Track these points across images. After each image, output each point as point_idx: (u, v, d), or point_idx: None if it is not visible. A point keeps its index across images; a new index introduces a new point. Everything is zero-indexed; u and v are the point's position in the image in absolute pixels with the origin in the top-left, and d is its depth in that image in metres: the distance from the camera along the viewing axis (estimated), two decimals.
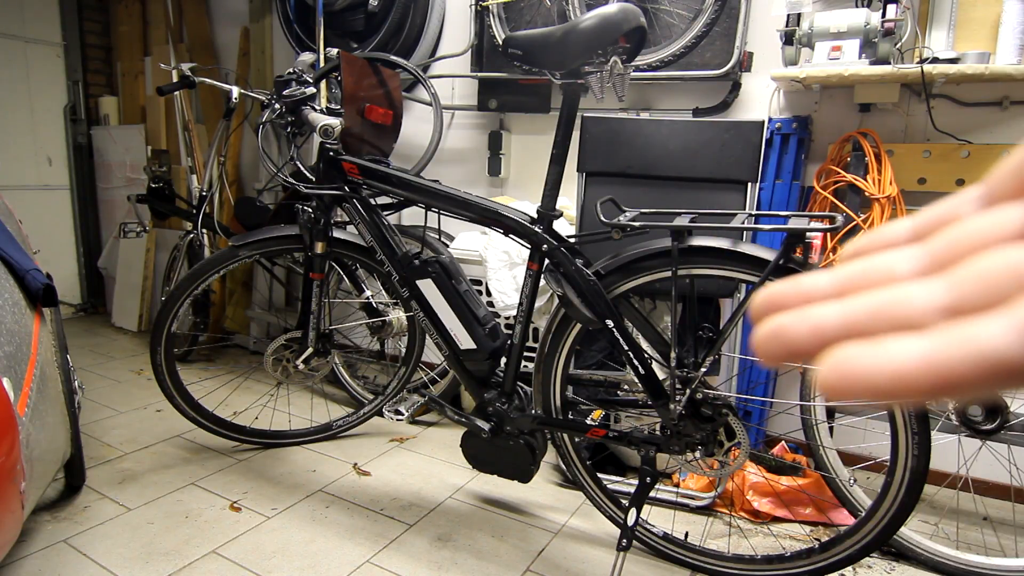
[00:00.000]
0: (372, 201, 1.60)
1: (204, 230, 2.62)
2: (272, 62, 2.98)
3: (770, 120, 1.89)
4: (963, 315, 0.17)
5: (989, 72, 1.54)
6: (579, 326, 1.41)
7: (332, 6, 2.37)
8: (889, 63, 1.63)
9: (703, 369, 1.27)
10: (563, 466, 1.63)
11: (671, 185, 1.73)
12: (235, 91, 2.46)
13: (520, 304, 1.44)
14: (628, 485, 1.75)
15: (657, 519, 1.62)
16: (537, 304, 1.80)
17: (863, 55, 1.65)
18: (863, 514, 1.27)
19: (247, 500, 1.70)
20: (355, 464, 1.93)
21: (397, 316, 2.03)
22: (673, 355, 1.28)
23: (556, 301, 1.39)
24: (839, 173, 1.75)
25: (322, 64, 2.03)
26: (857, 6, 1.72)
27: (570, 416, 1.54)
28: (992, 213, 0.19)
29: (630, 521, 1.35)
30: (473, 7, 2.30)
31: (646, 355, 1.33)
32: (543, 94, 2.26)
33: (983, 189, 0.20)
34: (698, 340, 1.29)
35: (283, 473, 1.86)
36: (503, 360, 1.53)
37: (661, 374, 1.34)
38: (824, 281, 0.21)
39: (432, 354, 2.14)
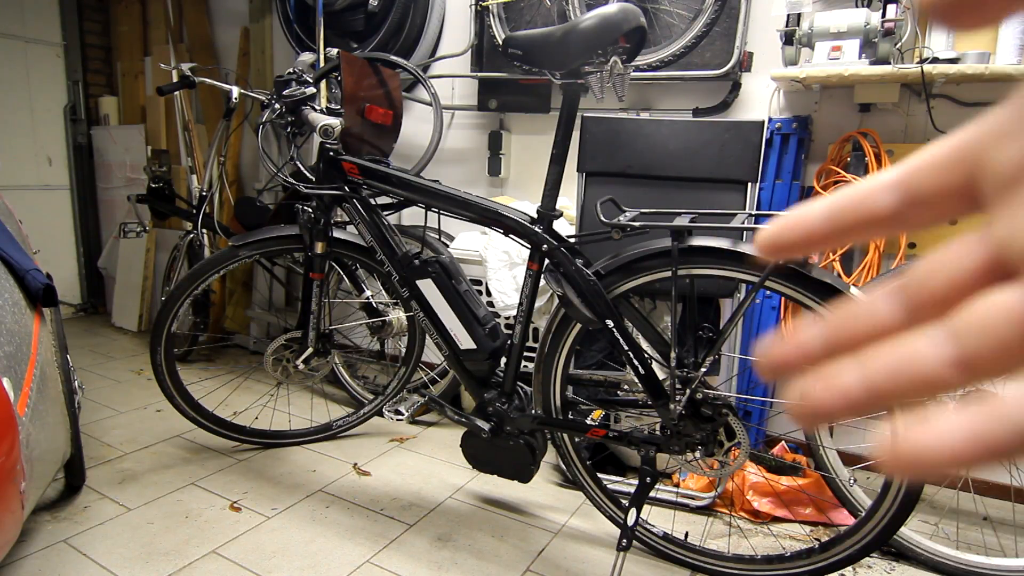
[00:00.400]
0: (372, 201, 1.60)
1: (204, 230, 2.62)
2: (272, 62, 2.98)
3: (770, 120, 1.89)
4: (975, 369, 0.18)
5: (989, 72, 1.54)
6: (579, 326, 1.41)
7: (332, 6, 2.37)
8: (889, 63, 1.63)
9: (703, 369, 1.27)
10: (563, 466, 1.63)
11: (671, 185, 1.73)
12: (235, 91, 2.46)
13: (520, 304, 1.44)
14: (628, 485, 1.75)
15: (657, 519, 1.62)
16: (537, 304, 1.80)
17: (863, 55, 1.65)
18: (863, 514, 1.27)
19: (247, 500, 1.70)
20: (355, 464, 1.93)
21: (397, 316, 2.03)
22: (673, 355, 1.28)
23: (556, 301, 1.39)
24: (839, 173, 1.75)
25: (322, 64, 2.03)
26: (857, 6, 1.72)
27: (570, 416, 1.54)
28: (952, 247, 0.19)
29: (630, 521, 1.35)
30: (473, 7, 2.30)
31: (646, 355, 1.33)
32: (543, 94, 2.26)
33: (897, 178, 0.20)
34: (698, 340, 1.30)
35: (283, 473, 1.87)
36: (503, 360, 1.53)
37: (661, 374, 1.34)
38: (818, 335, 0.21)
39: (432, 354, 2.14)
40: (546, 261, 1.37)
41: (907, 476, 0.19)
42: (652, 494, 1.67)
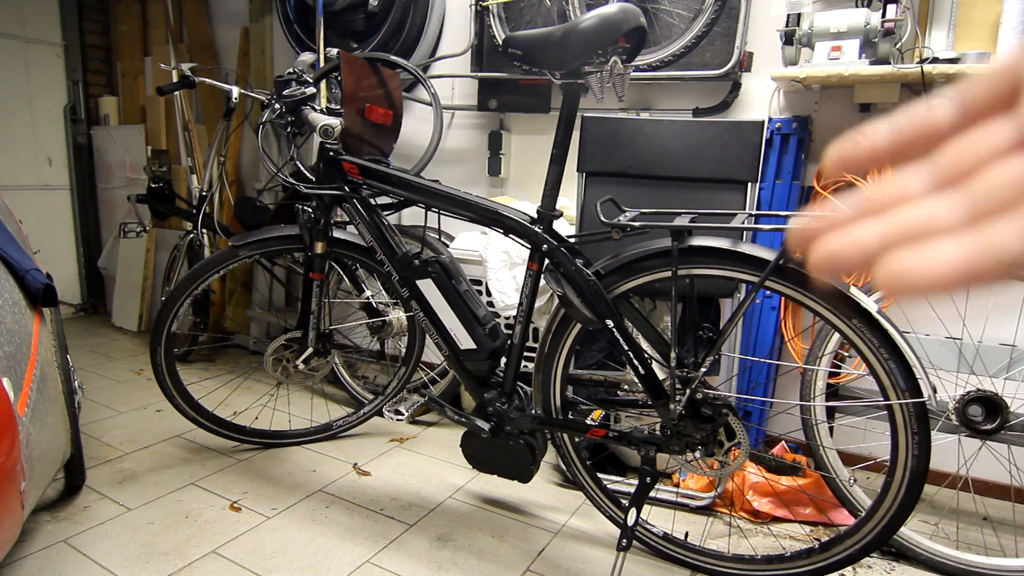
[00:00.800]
0: (372, 201, 1.60)
1: (204, 230, 2.62)
2: (272, 62, 2.98)
3: (770, 120, 1.89)
4: (981, 223, 0.21)
5: None
6: (579, 326, 1.41)
7: (332, 6, 2.37)
8: (889, 63, 1.63)
9: (703, 369, 1.27)
10: (563, 466, 1.63)
11: (671, 185, 1.73)
12: (235, 91, 2.46)
13: (520, 304, 1.44)
14: (628, 485, 1.75)
15: (657, 519, 1.62)
16: (537, 304, 1.80)
17: (863, 55, 1.65)
18: (863, 514, 1.27)
19: (247, 500, 1.70)
20: (355, 464, 1.93)
21: (397, 316, 2.03)
22: (673, 355, 1.28)
23: (556, 301, 1.39)
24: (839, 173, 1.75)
25: (322, 64, 2.03)
26: (857, 6, 1.72)
27: (570, 416, 1.54)
28: (984, 131, 0.22)
29: (630, 521, 1.35)
30: (473, 7, 2.30)
31: (646, 355, 1.33)
32: (543, 94, 2.26)
33: (958, 98, 0.23)
34: (698, 340, 1.29)
35: (283, 473, 1.87)
36: (503, 360, 1.53)
37: (661, 374, 1.34)
38: (852, 207, 0.24)
39: (432, 354, 2.14)
40: (546, 261, 1.37)
41: (900, 294, 0.22)
42: (652, 494, 1.68)
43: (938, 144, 0.23)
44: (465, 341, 1.50)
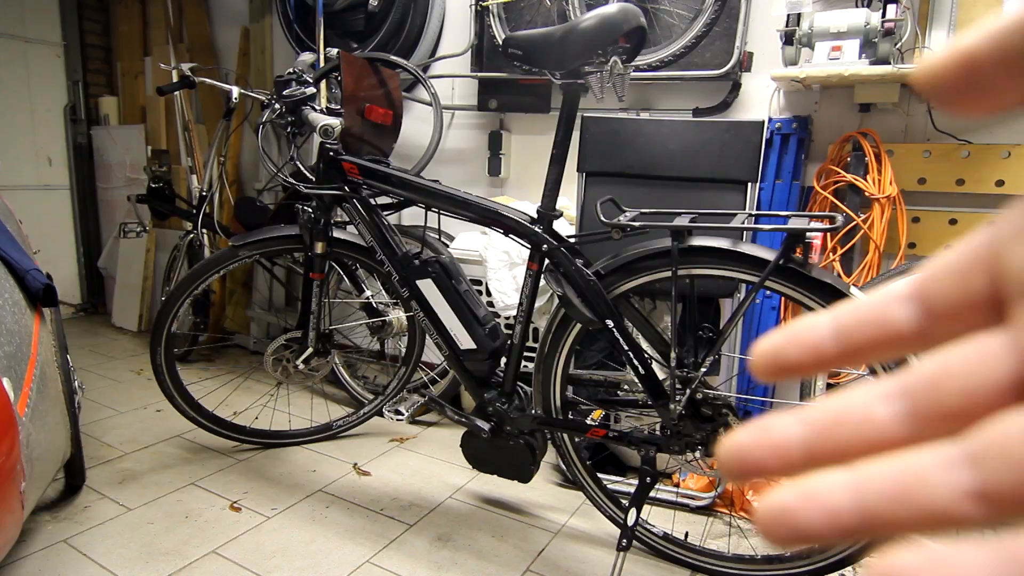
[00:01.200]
0: (372, 201, 1.60)
1: (204, 230, 2.62)
2: (272, 62, 2.98)
3: (770, 120, 1.89)
4: (999, 507, 0.15)
5: None
6: (579, 326, 1.41)
7: (332, 6, 2.37)
8: (889, 63, 1.63)
9: (703, 369, 1.27)
10: (563, 466, 1.63)
11: (671, 185, 1.73)
12: (235, 91, 2.46)
13: (520, 304, 1.44)
14: (628, 485, 1.75)
15: (657, 519, 1.62)
16: (537, 304, 1.80)
17: (863, 55, 1.65)
18: None
19: (247, 500, 1.70)
20: (355, 464, 1.93)
21: (397, 316, 2.03)
22: (673, 355, 1.28)
23: (556, 301, 1.39)
24: (839, 173, 1.75)
25: (322, 64, 2.03)
26: (857, 6, 1.72)
27: (570, 416, 1.54)
28: (970, 352, 0.16)
29: (630, 521, 1.35)
30: (473, 7, 2.30)
31: (646, 355, 1.33)
32: (543, 94, 2.26)
33: (912, 289, 0.18)
34: (698, 340, 1.29)
35: (283, 473, 1.86)
36: (503, 360, 1.53)
37: (661, 374, 1.34)
38: (795, 430, 0.18)
39: (432, 354, 2.14)
40: (546, 261, 1.37)
41: None
42: (652, 494, 1.67)
43: (898, 349, 0.18)
44: (465, 341, 1.50)
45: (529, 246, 1.39)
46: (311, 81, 1.69)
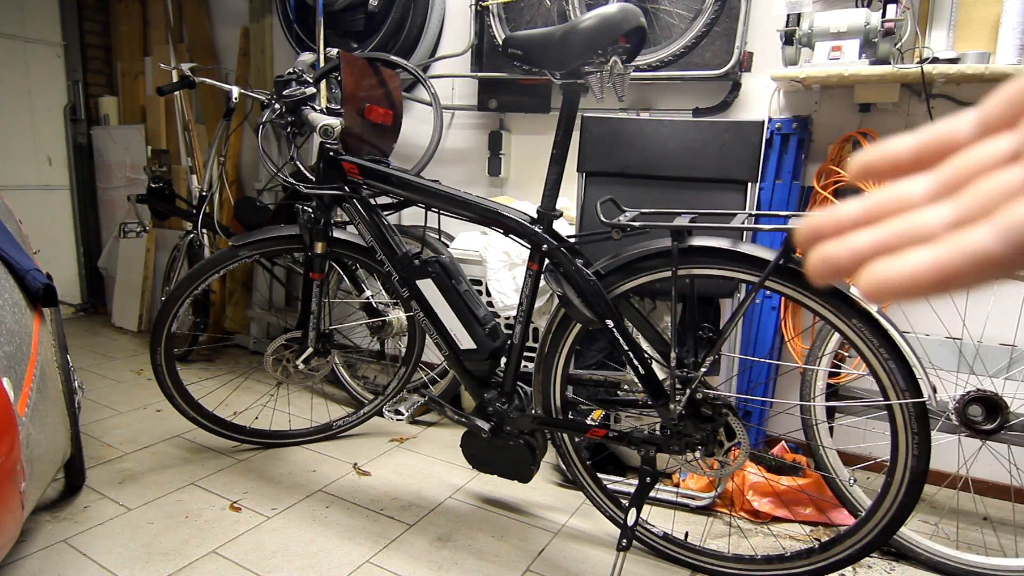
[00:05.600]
0: (372, 201, 1.60)
1: (204, 230, 2.62)
2: (272, 62, 2.98)
3: (770, 120, 1.89)
4: (964, 227, 0.21)
5: (989, 72, 1.54)
6: (579, 326, 1.41)
7: (332, 6, 2.37)
8: (889, 63, 1.63)
9: (703, 369, 1.27)
10: (563, 466, 1.63)
11: (671, 185, 1.73)
12: (235, 91, 2.46)
13: (520, 304, 1.44)
14: (628, 485, 1.75)
15: (657, 519, 1.62)
16: (537, 304, 1.80)
17: (863, 55, 1.65)
18: (863, 514, 1.27)
19: (247, 500, 1.70)
20: (355, 464, 1.93)
21: (397, 316, 2.03)
22: (673, 355, 1.28)
23: (556, 301, 1.39)
24: (839, 173, 1.75)
25: (322, 64, 2.03)
26: (857, 6, 1.72)
27: (570, 416, 1.54)
28: (989, 144, 0.23)
29: (630, 521, 1.35)
30: (473, 7, 2.30)
31: (646, 355, 1.33)
32: (543, 94, 2.26)
33: (978, 114, 0.24)
34: (698, 340, 1.29)
35: (283, 473, 1.86)
36: (503, 360, 1.53)
37: (661, 374, 1.34)
38: (855, 210, 0.25)
39: (432, 354, 2.14)
40: (546, 261, 1.37)
41: (879, 299, 0.23)
42: (652, 494, 1.68)
43: (954, 155, 0.24)
44: (465, 341, 1.50)
45: (529, 246, 1.39)
46: (311, 81, 1.69)
